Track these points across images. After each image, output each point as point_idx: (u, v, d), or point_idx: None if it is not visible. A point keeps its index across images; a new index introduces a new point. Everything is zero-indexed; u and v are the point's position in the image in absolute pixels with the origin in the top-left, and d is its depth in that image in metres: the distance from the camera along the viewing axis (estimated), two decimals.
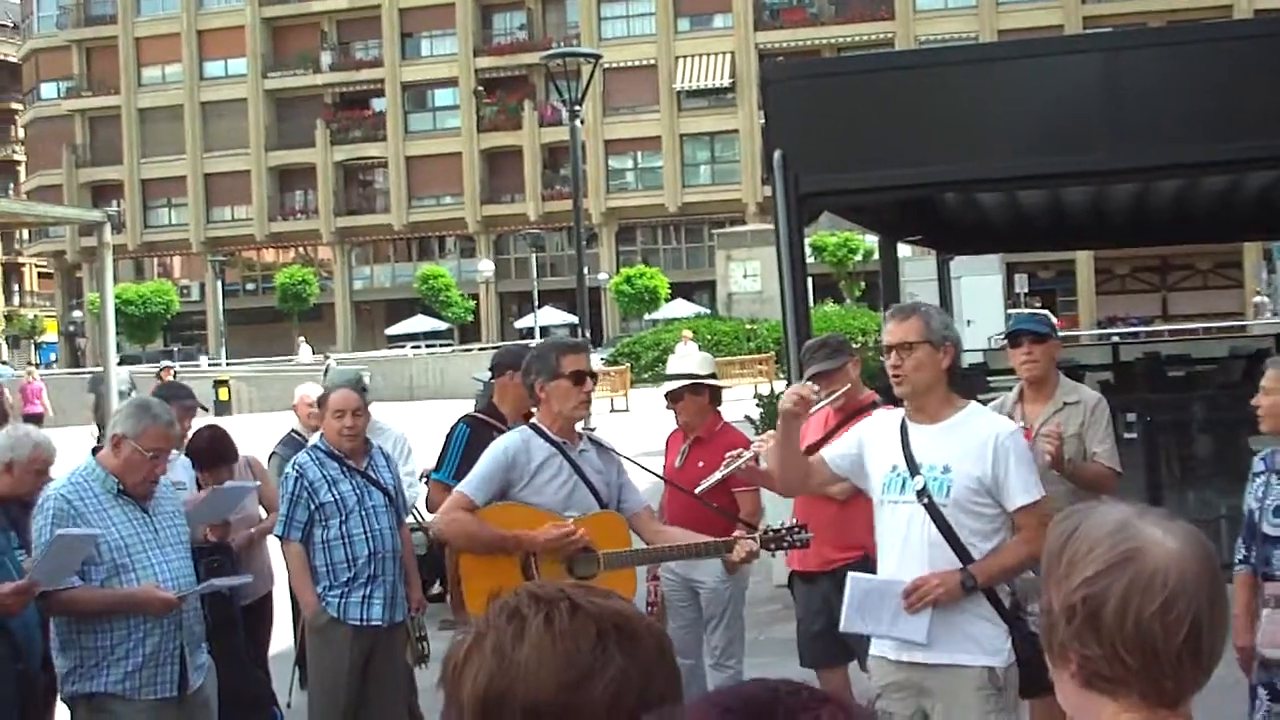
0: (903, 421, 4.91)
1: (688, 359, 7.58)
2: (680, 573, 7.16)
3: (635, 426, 6.37)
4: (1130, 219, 16.33)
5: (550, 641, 1.63)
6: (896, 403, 5.23)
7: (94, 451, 5.63)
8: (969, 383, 13.25)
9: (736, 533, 5.81)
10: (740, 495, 6.81)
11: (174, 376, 20.82)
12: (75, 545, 5.29)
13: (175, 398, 7.34)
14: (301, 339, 58.39)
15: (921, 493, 4.75)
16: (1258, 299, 44.41)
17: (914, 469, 4.79)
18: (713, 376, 7.25)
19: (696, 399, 7.09)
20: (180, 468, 6.95)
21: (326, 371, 25.85)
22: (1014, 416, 6.07)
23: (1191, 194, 14.05)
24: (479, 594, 5.45)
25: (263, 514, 7.91)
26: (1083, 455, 6.23)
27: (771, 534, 5.60)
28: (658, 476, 6.74)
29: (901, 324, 4.85)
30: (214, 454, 7.62)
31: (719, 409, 7.27)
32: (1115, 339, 30.90)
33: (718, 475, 5.32)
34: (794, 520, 5.64)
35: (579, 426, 5.80)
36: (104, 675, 5.42)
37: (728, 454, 5.65)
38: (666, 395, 7.21)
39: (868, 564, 6.20)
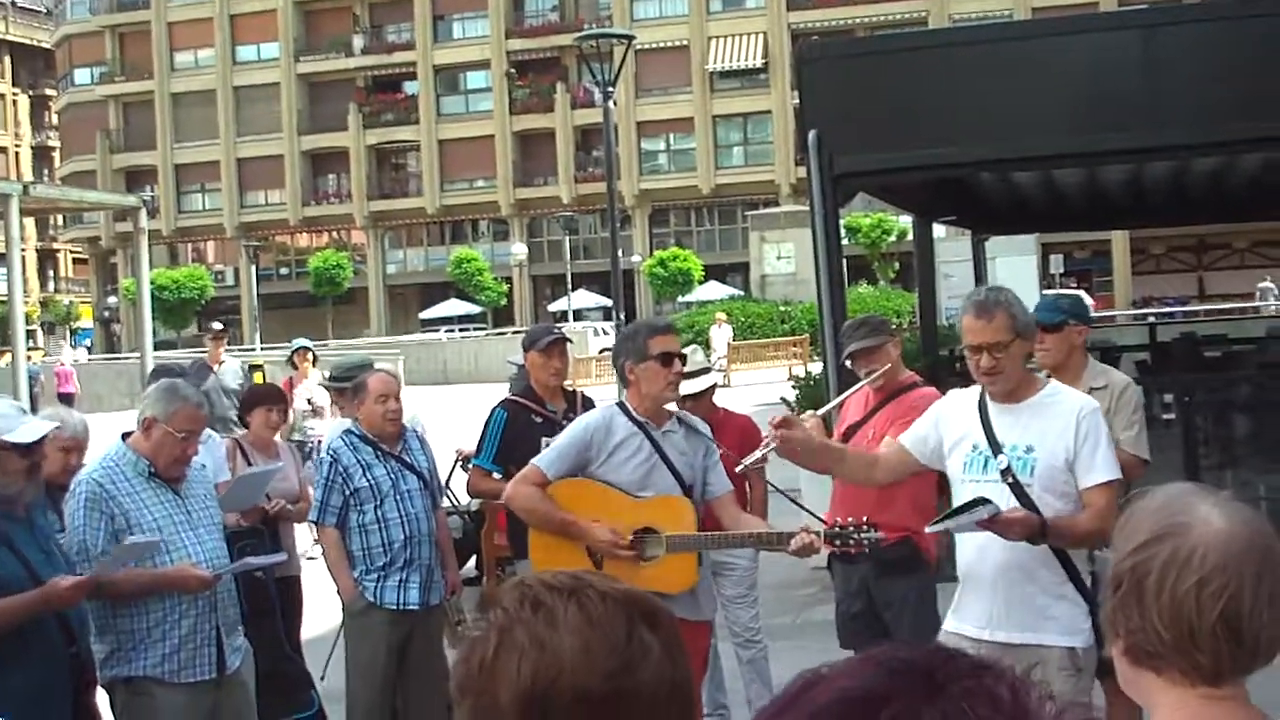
0: (981, 400, 4.82)
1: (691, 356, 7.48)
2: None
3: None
4: (1167, 198, 16.19)
5: (590, 627, 1.57)
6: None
7: (124, 436, 5.63)
8: None
9: (802, 525, 5.70)
10: (751, 478, 6.77)
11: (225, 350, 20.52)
12: (140, 551, 5.34)
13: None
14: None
15: (1006, 472, 4.68)
16: (1263, 284, 43.71)
17: (996, 449, 4.72)
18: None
19: (709, 391, 7.28)
20: (204, 450, 6.95)
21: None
22: None
23: (1229, 172, 13.91)
24: None
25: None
26: None
27: (839, 529, 5.43)
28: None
29: (990, 323, 4.66)
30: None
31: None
32: (1152, 319, 30.65)
33: (759, 453, 5.23)
34: (865, 519, 5.43)
35: (671, 406, 5.77)
36: (142, 658, 5.43)
37: (768, 434, 5.54)
38: (693, 396, 7.09)
39: (908, 545, 6.16)
